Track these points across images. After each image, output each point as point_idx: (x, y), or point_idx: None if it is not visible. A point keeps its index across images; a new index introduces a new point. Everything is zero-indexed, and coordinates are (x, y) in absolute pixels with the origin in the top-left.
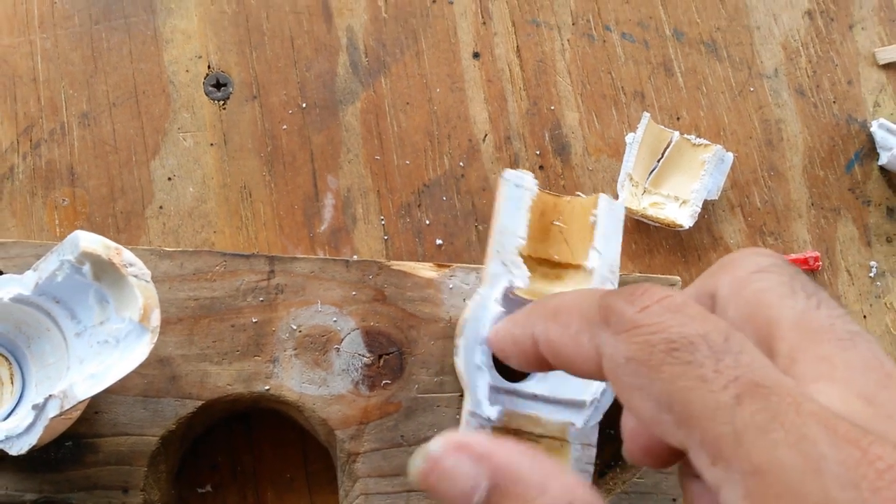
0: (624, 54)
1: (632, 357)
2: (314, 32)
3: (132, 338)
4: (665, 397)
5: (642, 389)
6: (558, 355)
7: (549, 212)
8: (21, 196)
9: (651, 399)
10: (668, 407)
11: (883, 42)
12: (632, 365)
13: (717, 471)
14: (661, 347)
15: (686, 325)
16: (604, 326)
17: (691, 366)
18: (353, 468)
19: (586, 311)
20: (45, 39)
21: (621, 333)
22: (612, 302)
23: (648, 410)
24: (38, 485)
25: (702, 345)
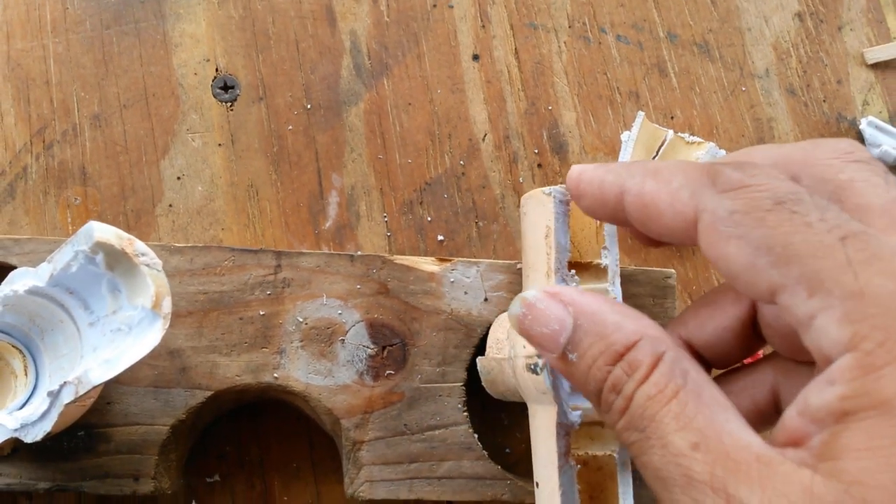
0: (619, 56)
1: (736, 210)
2: (318, 36)
3: (145, 324)
4: (766, 241)
5: (741, 238)
6: (646, 208)
7: None
8: (34, 195)
9: (749, 245)
10: (768, 250)
11: (871, 42)
12: (735, 216)
13: (813, 302)
14: (768, 202)
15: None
16: (709, 185)
17: (796, 215)
18: (357, 456)
19: (691, 172)
20: (57, 43)
21: (728, 191)
22: (720, 167)
23: (743, 258)
24: (52, 473)
25: (807, 200)
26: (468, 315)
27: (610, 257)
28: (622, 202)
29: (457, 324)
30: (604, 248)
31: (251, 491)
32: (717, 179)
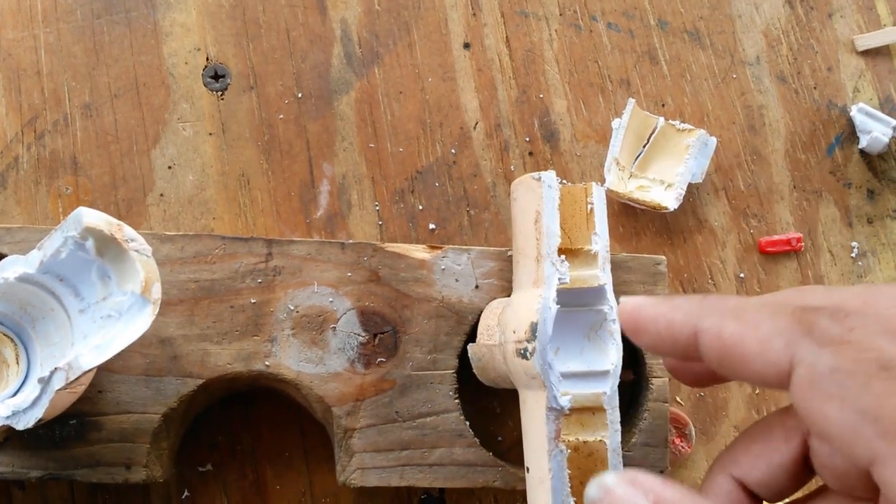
0: (610, 43)
1: (839, 369)
2: (309, 24)
3: (134, 310)
4: (873, 410)
5: (844, 401)
6: (730, 353)
7: None
8: (25, 185)
9: (853, 410)
10: (875, 420)
11: (861, 29)
12: (837, 376)
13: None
14: (874, 365)
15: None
16: (805, 335)
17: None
18: (349, 443)
19: (782, 318)
20: (48, 33)
21: (828, 346)
22: (814, 316)
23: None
24: (44, 462)
25: None
26: (459, 302)
27: (600, 243)
28: (695, 342)
29: (448, 311)
30: (594, 234)
31: (243, 480)
32: (815, 330)
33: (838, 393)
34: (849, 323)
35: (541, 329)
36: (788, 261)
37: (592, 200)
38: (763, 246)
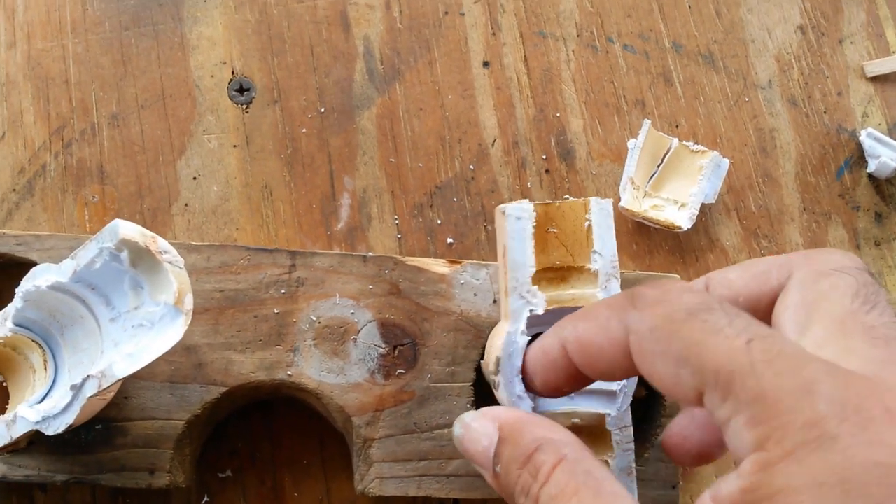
0: (626, 65)
1: (655, 326)
2: (332, 41)
3: (167, 320)
4: (683, 352)
5: (664, 353)
6: (587, 349)
7: (543, 221)
8: (52, 192)
9: (671, 359)
10: (686, 360)
11: (871, 56)
12: (655, 333)
13: (726, 406)
14: (681, 313)
15: (704, 298)
16: (631, 308)
17: (707, 323)
18: (368, 453)
19: (614, 301)
20: (76, 44)
21: (646, 309)
22: (637, 289)
23: (669, 372)
24: (69, 466)
25: (717, 308)
26: (477, 316)
27: (601, 261)
28: (568, 357)
29: (466, 325)
30: (593, 252)
31: (262, 487)
32: (637, 301)
33: (658, 348)
34: (664, 287)
35: (504, 364)
36: None
37: (590, 217)
38: None
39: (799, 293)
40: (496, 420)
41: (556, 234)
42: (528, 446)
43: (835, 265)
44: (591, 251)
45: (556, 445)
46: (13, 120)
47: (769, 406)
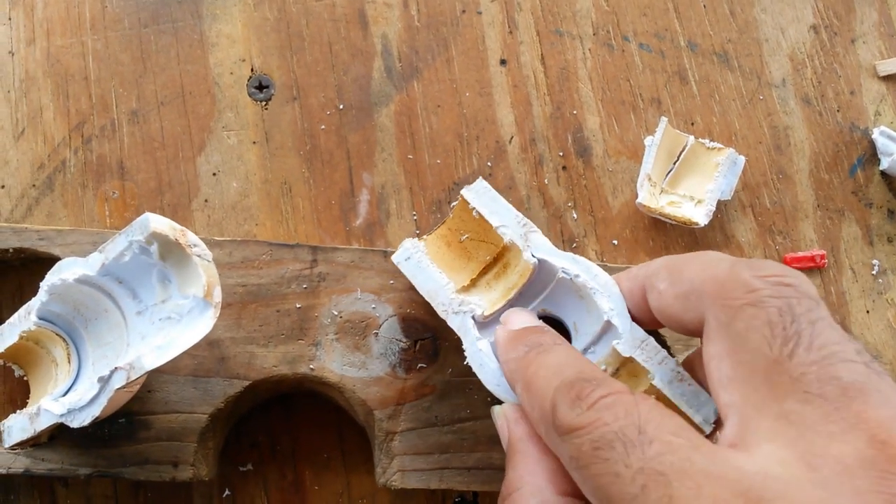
0: (642, 63)
1: (572, 457)
2: (351, 39)
3: (196, 312)
4: (596, 492)
5: (583, 485)
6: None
7: (451, 238)
8: (72, 188)
9: (589, 493)
10: (600, 501)
11: (883, 55)
12: (573, 464)
13: None
14: (588, 449)
15: (608, 424)
16: (554, 428)
17: (608, 463)
18: (390, 446)
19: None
20: (96, 41)
21: (563, 435)
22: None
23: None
24: (93, 460)
25: (616, 443)
26: None
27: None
28: None
29: None
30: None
31: (283, 480)
32: (556, 422)
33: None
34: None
35: (483, 375)
36: (812, 277)
37: (472, 206)
38: (788, 262)
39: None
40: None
41: (469, 238)
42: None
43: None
44: (496, 228)
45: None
46: (33, 116)
47: None
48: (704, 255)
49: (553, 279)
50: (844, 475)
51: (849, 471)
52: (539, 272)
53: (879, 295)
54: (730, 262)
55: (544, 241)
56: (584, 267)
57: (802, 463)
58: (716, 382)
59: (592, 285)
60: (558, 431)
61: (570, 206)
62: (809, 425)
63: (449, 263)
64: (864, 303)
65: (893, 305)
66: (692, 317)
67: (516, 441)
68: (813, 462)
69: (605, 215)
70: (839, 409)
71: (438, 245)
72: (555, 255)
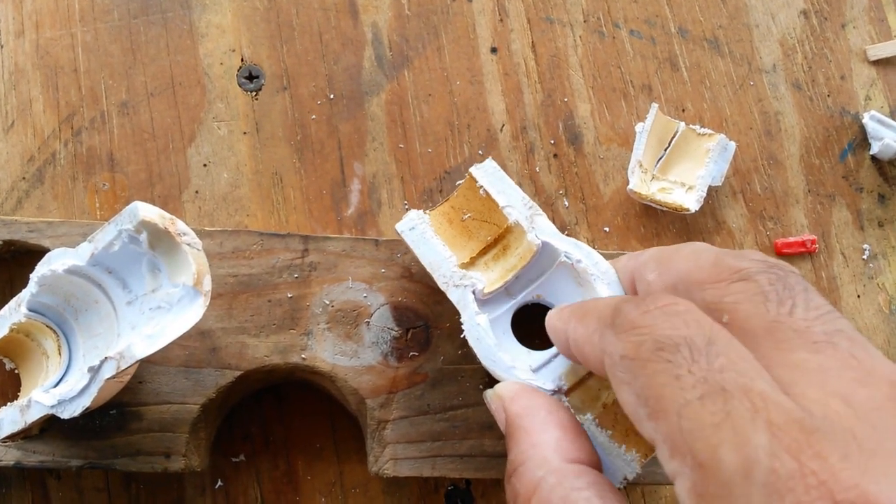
0: (632, 50)
1: (625, 355)
2: (341, 28)
3: (186, 301)
4: (644, 391)
5: (629, 384)
6: (580, 353)
7: (453, 216)
8: (62, 180)
9: (634, 393)
10: (645, 401)
11: (873, 40)
12: (624, 362)
13: (673, 463)
14: (649, 347)
15: (676, 329)
16: (609, 327)
17: (670, 365)
18: (382, 435)
19: (602, 312)
20: (85, 32)
21: (621, 333)
22: (621, 304)
23: (631, 405)
24: (84, 451)
25: (683, 347)
26: None
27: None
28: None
29: None
30: (504, 209)
31: (275, 470)
32: (616, 320)
33: (625, 377)
34: (645, 305)
35: (479, 350)
36: (803, 262)
37: (480, 184)
38: (779, 247)
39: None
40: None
41: (471, 217)
42: (512, 462)
43: (731, 273)
44: (502, 208)
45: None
46: (22, 108)
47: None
48: (691, 245)
49: (552, 265)
50: (882, 412)
51: (884, 409)
52: (539, 256)
53: (870, 279)
54: (715, 251)
55: (549, 225)
56: (586, 252)
57: (838, 400)
58: None
59: (594, 272)
60: (618, 330)
61: (562, 193)
62: (828, 371)
63: (450, 241)
64: (854, 287)
65: (884, 290)
66: None
67: (515, 417)
68: (847, 401)
69: (596, 202)
70: (854, 357)
71: (440, 221)
72: (558, 240)
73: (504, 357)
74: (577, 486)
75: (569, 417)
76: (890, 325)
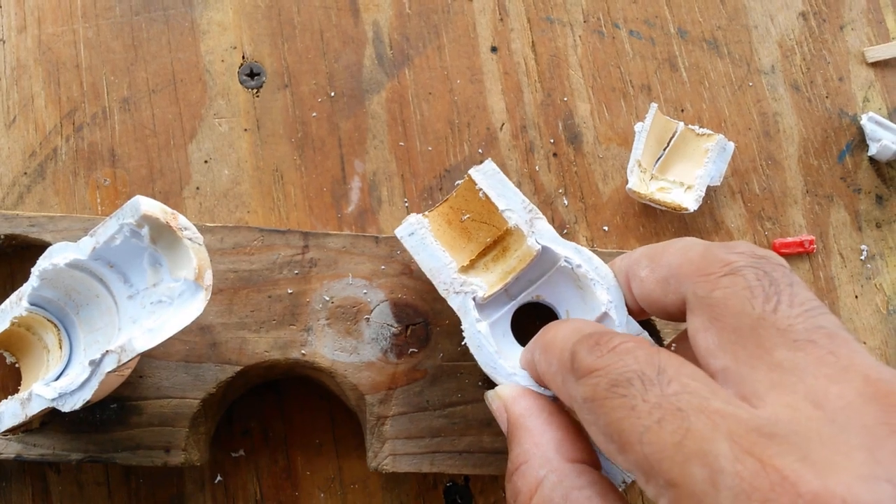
0: (632, 50)
1: (586, 398)
2: (342, 26)
3: (187, 295)
4: (607, 428)
5: (594, 424)
6: (549, 386)
7: (452, 217)
8: (64, 176)
9: (600, 432)
10: (610, 437)
11: (871, 41)
12: (586, 404)
13: (649, 488)
14: (604, 386)
15: (628, 365)
16: (570, 371)
17: (626, 398)
18: (381, 431)
19: (562, 356)
20: (87, 28)
21: (580, 379)
22: (577, 350)
23: (602, 443)
24: (84, 445)
25: (635, 380)
26: None
27: (514, 215)
28: None
29: None
30: (504, 212)
31: (275, 466)
32: (574, 366)
33: (589, 419)
34: (597, 351)
35: (480, 358)
36: (801, 262)
37: (480, 186)
38: (777, 247)
39: (700, 314)
40: (502, 409)
41: (470, 218)
42: (513, 462)
43: (719, 266)
44: (502, 212)
45: (537, 467)
46: (24, 104)
47: (682, 495)
48: (681, 240)
49: (552, 267)
50: (849, 411)
51: (852, 406)
52: (539, 259)
53: (868, 280)
54: (704, 245)
55: (548, 229)
56: (586, 257)
57: (807, 403)
58: (704, 353)
59: (593, 276)
60: (576, 375)
61: (561, 192)
62: (805, 370)
63: (449, 242)
64: (852, 288)
65: (881, 290)
66: (673, 299)
67: (517, 417)
68: (817, 401)
69: (595, 201)
70: (832, 353)
71: (439, 223)
72: (558, 244)
73: (505, 364)
74: (578, 485)
75: (570, 419)
76: (887, 325)
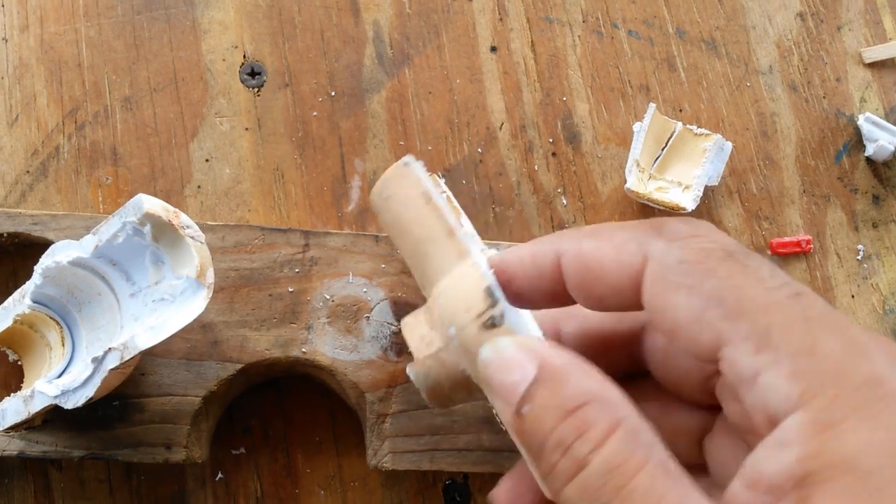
0: (630, 50)
1: (685, 259)
2: (343, 26)
3: (189, 293)
4: (717, 293)
5: (692, 288)
6: (590, 268)
7: None
8: (66, 174)
9: (699, 296)
10: (719, 301)
11: (868, 42)
12: (685, 266)
13: (760, 358)
14: (718, 253)
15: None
16: (656, 236)
17: (748, 268)
18: (381, 428)
19: (636, 225)
20: (89, 27)
21: (676, 241)
22: (664, 219)
23: (692, 309)
24: (86, 442)
25: (756, 255)
26: None
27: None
28: (559, 270)
29: None
30: None
31: (275, 463)
32: (664, 229)
33: (685, 281)
34: (695, 223)
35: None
36: (798, 262)
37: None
38: (774, 247)
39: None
40: (537, 357)
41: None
42: (573, 398)
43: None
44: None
45: (612, 407)
46: (26, 103)
47: (819, 360)
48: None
49: None
50: None
51: None
52: None
53: (864, 280)
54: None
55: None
56: None
57: None
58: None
59: None
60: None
61: (560, 192)
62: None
63: None
64: (849, 288)
65: (878, 290)
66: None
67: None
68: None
69: (594, 201)
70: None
71: None
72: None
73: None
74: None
75: None
76: (884, 325)
